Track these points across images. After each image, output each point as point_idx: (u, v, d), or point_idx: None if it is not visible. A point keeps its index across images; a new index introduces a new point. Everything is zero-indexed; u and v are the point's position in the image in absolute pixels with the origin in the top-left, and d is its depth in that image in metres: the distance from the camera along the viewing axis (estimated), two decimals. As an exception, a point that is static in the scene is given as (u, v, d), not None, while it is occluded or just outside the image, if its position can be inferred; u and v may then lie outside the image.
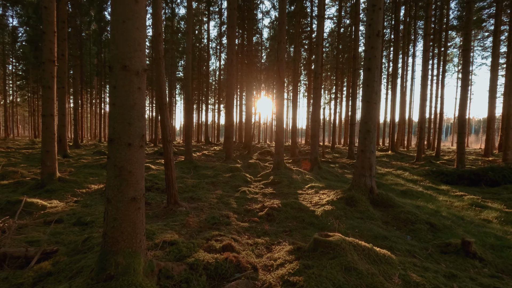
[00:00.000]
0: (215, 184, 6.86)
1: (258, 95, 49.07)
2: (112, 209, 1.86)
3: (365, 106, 4.82)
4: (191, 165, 9.95)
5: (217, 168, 9.12)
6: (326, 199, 4.91)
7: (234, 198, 5.48)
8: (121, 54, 1.82)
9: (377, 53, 4.74)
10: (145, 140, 2.02)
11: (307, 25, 30.49)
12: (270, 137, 55.54)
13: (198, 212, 4.52)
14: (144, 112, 1.95)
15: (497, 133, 35.49)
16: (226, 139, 12.03)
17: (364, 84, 4.88)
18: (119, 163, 1.85)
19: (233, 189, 6.36)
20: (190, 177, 7.90)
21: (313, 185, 6.38)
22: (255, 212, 4.59)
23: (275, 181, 7.01)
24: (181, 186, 6.27)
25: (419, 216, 4.09)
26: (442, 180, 8.05)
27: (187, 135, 10.43)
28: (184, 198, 5.53)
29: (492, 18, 25.79)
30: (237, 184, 6.83)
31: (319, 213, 4.33)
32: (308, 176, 7.60)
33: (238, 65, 33.88)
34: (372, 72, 4.75)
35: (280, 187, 6.49)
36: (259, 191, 6.18)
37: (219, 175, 7.81)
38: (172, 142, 4.65)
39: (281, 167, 8.30)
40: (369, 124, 4.79)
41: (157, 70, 4.43)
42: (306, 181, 7.11)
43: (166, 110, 4.55)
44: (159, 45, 4.38)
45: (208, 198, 5.46)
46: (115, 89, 1.83)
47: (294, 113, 15.74)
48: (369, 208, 4.42)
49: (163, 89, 4.48)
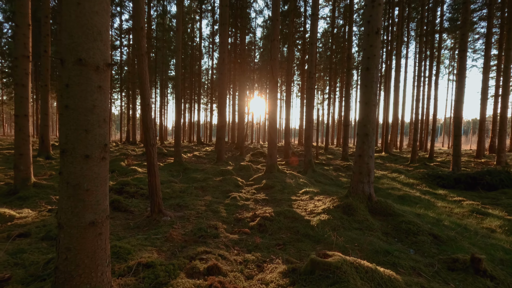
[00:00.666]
0: (205, 189, 6.49)
1: (251, 95, 48.75)
2: (65, 237, 1.49)
3: (363, 108, 4.53)
4: (181, 168, 9.55)
5: (208, 171, 8.75)
6: (321, 207, 4.61)
7: (224, 205, 5.13)
8: (76, 45, 1.46)
9: (376, 52, 4.46)
10: (108, 150, 1.66)
11: (301, 25, 30.28)
12: (263, 137, 55.26)
13: (184, 222, 4.16)
14: (107, 116, 1.60)
15: (487, 135, 35.97)
16: (218, 140, 11.66)
17: (362, 85, 4.60)
18: (74, 180, 1.49)
19: (223, 195, 6.01)
20: (179, 181, 7.51)
21: (307, 190, 6.07)
22: (246, 221, 4.25)
23: (267, 186, 6.69)
24: (168, 192, 5.89)
25: (421, 227, 3.82)
26: (438, 184, 7.86)
27: (176, 136, 10.02)
28: (170, 206, 5.15)
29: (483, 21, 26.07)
30: (228, 189, 6.48)
31: (314, 223, 4.02)
32: (302, 180, 7.30)
33: (230, 64, 33.47)
34: (371, 72, 4.47)
35: (273, 193, 6.17)
36: (250, 197, 5.85)
37: (209, 179, 7.45)
38: (155, 146, 4.28)
39: (274, 170, 7.98)
40: (368, 127, 4.51)
41: (139, 67, 4.04)
42: (300, 186, 6.81)
43: (150, 111, 4.17)
44: (141, 39, 4.00)
45: (196, 205, 5.10)
46: (68, 88, 1.47)
47: (287, 113, 15.46)
48: (368, 218, 4.13)
49: (146, 88, 4.10)
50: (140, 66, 4.06)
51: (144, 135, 4.23)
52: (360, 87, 4.65)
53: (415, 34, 30.51)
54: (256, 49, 43.89)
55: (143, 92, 4.11)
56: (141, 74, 4.07)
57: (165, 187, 6.25)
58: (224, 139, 11.99)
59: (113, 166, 8.97)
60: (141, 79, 4.07)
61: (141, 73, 4.07)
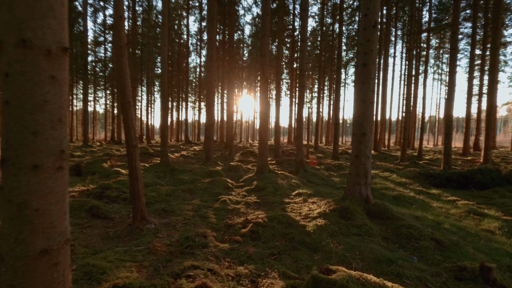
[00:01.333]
0: (192, 191, 6.15)
1: (240, 93, 48.32)
2: (6, 271, 1.15)
3: (360, 106, 4.31)
4: (167, 169, 9.14)
5: (196, 172, 8.39)
6: (317, 211, 4.36)
7: (213, 210, 4.81)
8: (18, 21, 1.12)
9: (373, 47, 4.24)
10: (67, 157, 1.32)
11: (289, 23, 30.11)
12: (252, 135, 54.95)
13: (170, 230, 3.83)
14: (64, 114, 1.26)
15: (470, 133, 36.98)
16: (206, 140, 11.29)
17: (358, 82, 4.37)
18: (18, 198, 1.15)
19: (212, 198, 5.68)
20: (165, 183, 7.13)
21: (300, 192, 5.83)
22: (237, 228, 3.95)
23: (259, 187, 6.40)
24: (153, 195, 5.51)
25: (423, 231, 3.63)
26: (431, 183, 7.79)
27: (163, 135, 9.59)
28: (155, 211, 4.79)
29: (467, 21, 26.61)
30: (217, 191, 6.15)
31: (310, 228, 3.76)
32: (294, 181, 7.06)
33: (219, 62, 32.96)
34: (368, 68, 4.24)
35: (264, 195, 5.89)
36: (241, 199, 5.55)
37: (197, 181, 7.10)
38: (138, 147, 3.91)
39: (265, 171, 7.71)
40: (365, 126, 4.28)
41: (119, 60, 3.67)
42: (292, 187, 6.56)
43: (131, 108, 3.80)
44: (120, 30, 3.62)
45: (183, 210, 4.76)
46: (8, 78, 1.13)
47: (277, 111, 15.23)
48: (366, 222, 3.91)
49: (126, 84, 3.73)
50: (119, 59, 3.68)
51: (125, 135, 3.86)
52: (356, 84, 4.43)
53: (402, 34, 30.92)
54: (245, 47, 43.49)
55: (123, 89, 3.73)
56: (120, 68, 3.69)
57: (150, 190, 5.87)
58: (213, 138, 11.64)
59: (95, 168, 8.48)
60: (120, 73, 3.69)
61: (120, 67, 3.69)
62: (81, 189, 5.78)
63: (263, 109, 7.87)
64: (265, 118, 7.85)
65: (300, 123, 8.82)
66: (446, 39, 37.93)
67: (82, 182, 6.70)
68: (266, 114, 7.86)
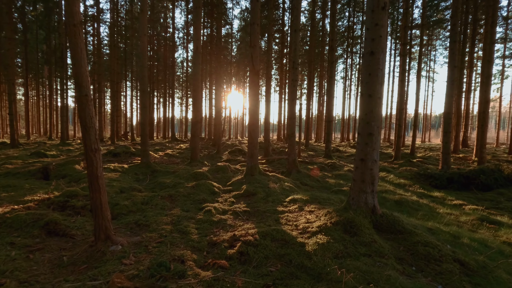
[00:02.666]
0: (174, 198, 5.43)
1: (228, 89, 47.41)
2: None
3: (367, 102, 3.70)
4: (148, 170, 8.36)
5: (180, 174, 7.65)
6: (316, 223, 3.75)
7: (196, 222, 4.13)
8: None
9: (382, 32, 3.63)
10: None
11: (279, 18, 29.41)
12: (241, 132, 54.19)
13: (140, 254, 3.12)
14: None
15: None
16: (192, 138, 10.53)
17: (364, 73, 3.75)
18: None
19: (195, 206, 4.99)
20: (144, 188, 6.38)
21: (295, 198, 5.21)
22: (223, 247, 3.29)
23: (248, 192, 5.75)
24: (127, 205, 4.77)
25: (442, 249, 3.07)
26: (431, 184, 7.35)
27: (143, 133, 8.78)
28: (127, 225, 4.07)
29: (455, 18, 26.63)
30: (202, 197, 5.46)
31: (311, 248, 3.14)
32: (288, 184, 6.44)
33: (206, 56, 31.95)
34: (376, 57, 3.63)
35: (255, 201, 5.25)
36: (228, 208, 4.88)
37: (180, 185, 6.38)
38: (99, 151, 3.17)
39: (255, 173, 7.05)
40: (372, 125, 3.69)
41: (72, 44, 2.91)
42: (286, 191, 5.94)
43: (89, 104, 3.05)
44: (72, 5, 2.85)
45: (160, 223, 4.05)
46: None
47: (267, 108, 14.56)
48: (375, 238, 3.33)
49: (82, 73, 2.97)
50: (73, 41, 2.92)
51: (83, 136, 3.11)
52: (362, 76, 3.81)
53: (391, 30, 30.75)
54: (233, 42, 42.48)
55: (79, 79, 2.98)
56: (75, 53, 2.93)
57: (124, 198, 5.12)
58: (199, 136, 10.89)
59: (66, 170, 7.61)
60: (75, 59, 2.94)
61: (75, 52, 2.93)
62: (42, 198, 4.97)
63: (253, 106, 7.19)
64: (255, 115, 7.18)
65: (293, 120, 8.20)
66: (435, 35, 38.20)
67: (46, 188, 5.87)
68: (256, 111, 7.18)
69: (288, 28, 33.84)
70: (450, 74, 8.27)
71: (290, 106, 8.18)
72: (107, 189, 5.69)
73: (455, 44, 8.16)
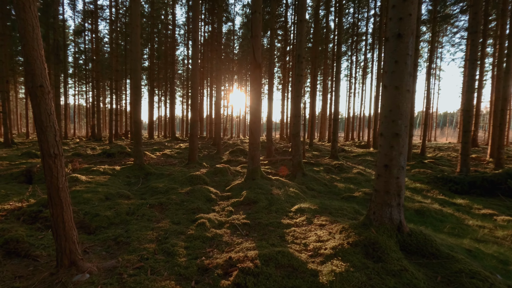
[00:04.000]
0: (164, 207, 4.79)
1: (230, 87, 46.78)
2: None
3: (392, 96, 3.03)
4: (141, 172, 7.74)
5: (175, 177, 7.02)
6: (330, 243, 3.09)
7: (186, 239, 3.49)
8: None
9: (412, 10, 2.95)
10: None
11: (282, 14, 28.68)
12: (243, 131, 53.57)
13: (112, 285, 2.49)
14: None
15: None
16: (191, 138, 9.89)
17: (389, 61, 3.09)
18: None
19: (188, 217, 4.34)
20: (133, 193, 5.75)
21: (302, 207, 4.55)
22: (215, 276, 2.65)
23: (249, 200, 5.10)
24: (108, 216, 4.14)
25: (495, 284, 2.41)
26: (451, 189, 6.65)
27: (136, 132, 8.15)
28: (104, 242, 3.44)
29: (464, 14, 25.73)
30: (196, 206, 4.81)
31: (325, 279, 2.49)
32: (293, 189, 5.78)
33: (208, 54, 31.32)
34: (405, 41, 2.96)
35: (256, 211, 4.59)
36: (226, 219, 4.24)
37: (173, 190, 5.74)
38: (60, 157, 2.53)
39: (256, 176, 6.40)
40: (399, 124, 3.02)
41: (20, 20, 2.28)
42: (291, 198, 5.28)
43: (45, 97, 2.41)
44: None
45: (144, 240, 3.42)
46: None
47: (269, 106, 13.90)
48: (405, 264, 2.66)
49: (35, 58, 2.34)
50: (21, 17, 2.28)
51: (38, 138, 2.48)
52: (385, 64, 3.14)
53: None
54: (236, 39, 41.79)
55: (31, 65, 2.34)
56: (24, 33, 2.30)
57: (107, 207, 4.49)
58: (197, 136, 10.26)
59: (50, 173, 6.99)
60: (24, 39, 2.30)
61: (24, 30, 2.30)
62: (14, 207, 4.36)
63: (254, 103, 6.53)
64: (257, 112, 6.51)
65: (298, 118, 7.53)
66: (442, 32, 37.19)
67: (23, 194, 5.26)
68: (258, 108, 6.52)
69: (292, 25, 33.10)
70: (470, 69, 7.54)
71: (295, 103, 7.51)
72: (91, 196, 5.08)
73: (476, 35, 7.40)
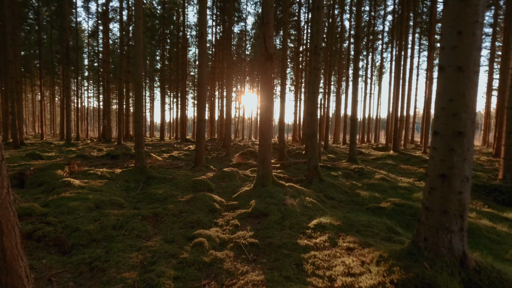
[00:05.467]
0: (159, 219, 4.10)
1: (242, 88, 46.23)
2: None
3: (453, 79, 2.21)
4: (142, 176, 7.12)
5: (177, 182, 6.36)
6: (367, 281, 2.28)
7: (177, 266, 2.76)
8: None
9: (483, -39, 2.13)
10: None
11: (295, 13, 27.91)
12: (254, 133, 52.90)
13: None
14: None
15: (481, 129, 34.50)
16: (197, 139, 9.24)
17: (448, 32, 2.27)
18: None
19: (184, 233, 3.62)
20: (128, 201, 5.11)
21: (322, 222, 3.75)
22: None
23: (258, 212, 4.34)
24: (90, 230, 3.47)
25: None
26: (496, 200, 5.67)
27: (138, 133, 7.56)
28: (77, 266, 2.76)
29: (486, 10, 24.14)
30: (196, 218, 4.09)
31: None
32: (309, 199, 4.97)
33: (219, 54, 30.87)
34: (473, 3, 2.14)
35: (267, 227, 3.82)
36: (229, 237, 3.49)
37: (172, 198, 5.05)
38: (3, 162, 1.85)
39: (267, 183, 5.63)
40: (463, 118, 2.19)
41: None
42: (308, 210, 4.48)
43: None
44: None
45: (125, 266, 2.72)
46: None
47: (282, 107, 13.12)
48: (482, 321, 1.83)
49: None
50: None
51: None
52: (444, 39, 2.32)
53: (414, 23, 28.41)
54: (247, 40, 41.27)
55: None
56: None
57: (92, 219, 3.83)
58: (204, 137, 9.61)
59: (44, 177, 6.48)
60: None
61: None
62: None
63: (265, 100, 5.77)
64: (268, 111, 5.75)
65: (314, 117, 6.72)
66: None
67: (6, 201, 4.69)
68: (269, 107, 5.76)
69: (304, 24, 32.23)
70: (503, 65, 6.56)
71: (311, 100, 6.70)
72: (78, 204, 4.45)
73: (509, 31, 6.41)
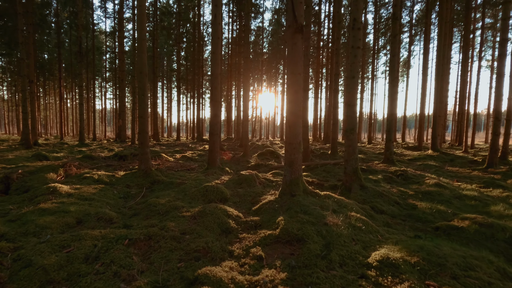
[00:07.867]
0: (152, 244, 2.96)
1: (259, 87, 45.09)
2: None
3: None
4: (146, 181, 6.09)
5: (185, 188, 5.26)
6: None
7: None
8: None
9: None
10: None
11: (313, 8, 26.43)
12: (272, 132, 51.63)
13: None
14: None
15: None
16: (210, 137, 8.15)
17: None
18: None
19: (184, 272, 2.44)
20: (120, 215, 4.04)
21: (390, 258, 2.46)
22: None
23: (290, 236, 3.10)
24: (49, 266, 2.38)
25: None
26: None
27: (141, 130, 6.54)
28: None
29: None
30: (203, 244, 2.92)
31: None
32: (357, 215, 3.66)
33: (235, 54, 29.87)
34: None
35: (305, 265, 2.57)
36: (250, 281, 2.29)
37: (175, 211, 3.92)
38: None
39: (297, 191, 4.37)
40: None
41: None
42: (359, 232, 3.19)
43: None
44: None
45: None
46: None
47: (304, 103, 11.80)
48: None
49: None
50: None
51: None
52: None
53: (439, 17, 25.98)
54: (264, 37, 40.11)
55: None
56: None
57: (59, 245, 2.76)
58: (219, 135, 8.49)
59: (32, 181, 5.58)
60: None
61: None
62: None
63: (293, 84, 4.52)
64: (296, 100, 4.48)
65: (352, 108, 5.40)
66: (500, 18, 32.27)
67: (-30, 214, 3.76)
68: (298, 92, 4.49)
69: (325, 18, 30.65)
70: None
71: (350, 86, 5.36)
72: (52, 220, 3.39)
73: None
